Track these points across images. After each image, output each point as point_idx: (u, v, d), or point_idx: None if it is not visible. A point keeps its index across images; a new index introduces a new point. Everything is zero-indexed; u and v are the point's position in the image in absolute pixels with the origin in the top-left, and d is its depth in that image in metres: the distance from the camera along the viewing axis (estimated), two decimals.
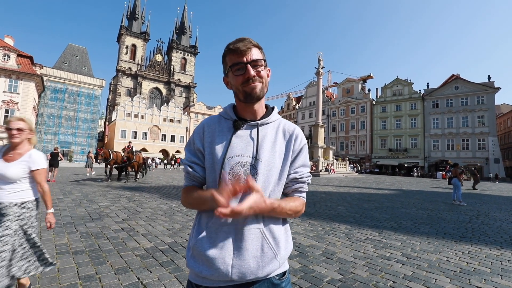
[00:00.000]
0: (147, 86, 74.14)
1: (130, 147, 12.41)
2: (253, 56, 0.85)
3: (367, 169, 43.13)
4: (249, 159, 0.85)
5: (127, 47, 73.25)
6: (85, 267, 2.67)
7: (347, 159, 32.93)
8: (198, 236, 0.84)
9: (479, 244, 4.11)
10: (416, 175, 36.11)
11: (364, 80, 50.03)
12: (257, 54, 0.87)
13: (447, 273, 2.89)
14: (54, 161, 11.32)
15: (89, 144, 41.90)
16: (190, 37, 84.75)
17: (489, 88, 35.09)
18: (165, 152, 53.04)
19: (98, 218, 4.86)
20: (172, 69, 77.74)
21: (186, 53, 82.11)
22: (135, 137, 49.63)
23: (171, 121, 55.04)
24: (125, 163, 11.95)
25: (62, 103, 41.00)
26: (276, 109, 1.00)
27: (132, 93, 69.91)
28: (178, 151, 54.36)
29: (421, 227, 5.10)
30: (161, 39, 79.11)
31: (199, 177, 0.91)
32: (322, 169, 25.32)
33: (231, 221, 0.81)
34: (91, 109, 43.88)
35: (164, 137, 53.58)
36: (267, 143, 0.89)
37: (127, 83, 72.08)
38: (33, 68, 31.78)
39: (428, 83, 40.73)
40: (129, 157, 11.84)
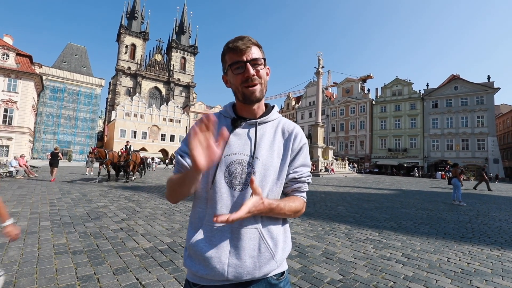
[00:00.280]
0: (147, 85, 74.03)
1: (128, 147, 12.22)
2: (253, 54, 0.84)
3: (367, 169, 43.16)
4: (246, 157, 0.84)
5: (126, 47, 73.11)
6: (83, 267, 2.65)
7: (347, 159, 32.95)
8: (193, 235, 0.84)
9: (479, 244, 4.10)
10: (417, 175, 36.09)
11: (363, 80, 50.02)
12: (256, 52, 0.86)
13: (448, 273, 2.87)
14: (54, 161, 11.48)
15: (88, 143, 41.79)
16: (189, 37, 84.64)
17: (489, 88, 35.12)
18: (164, 151, 52.98)
19: (97, 218, 4.84)
20: (171, 68, 77.63)
21: (185, 53, 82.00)
22: (135, 137, 49.55)
23: (171, 120, 54.98)
24: (121, 163, 11.73)
25: (61, 102, 40.92)
26: (276, 108, 0.99)
27: (131, 93, 69.79)
28: None
29: (421, 227, 5.09)
30: (160, 38, 78.69)
31: (188, 168, 0.85)
32: (321, 169, 25.31)
33: None
34: (90, 108, 43.80)
35: (163, 137, 53.52)
36: (265, 142, 0.88)
37: (126, 82, 71.95)
38: (32, 67, 31.70)
39: (427, 83, 40.75)
40: (126, 158, 11.63)
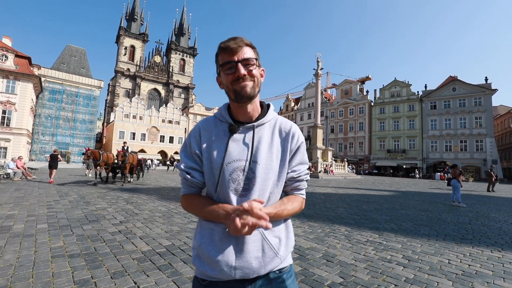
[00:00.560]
0: (146, 87, 73.98)
1: (125, 148, 11.81)
2: (245, 54, 0.83)
3: (366, 170, 43.20)
4: (246, 163, 0.85)
5: (125, 48, 73.11)
6: (80, 271, 2.61)
7: (346, 160, 32.97)
8: (201, 238, 0.86)
9: (480, 246, 4.08)
10: (418, 176, 36.10)
11: (362, 81, 50.21)
12: (249, 52, 0.85)
13: (449, 276, 2.85)
14: (53, 163, 11.60)
15: (87, 145, 41.64)
16: (189, 39, 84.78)
17: (486, 89, 35.31)
18: (163, 153, 52.88)
19: (95, 220, 4.79)
20: (171, 70, 77.66)
21: (185, 54, 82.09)
22: (134, 138, 49.46)
23: (170, 122, 54.94)
24: (117, 165, 11.37)
25: (60, 104, 40.86)
26: (272, 107, 0.97)
27: (130, 94, 69.70)
28: (176, 152, 54.19)
29: (421, 229, 5.07)
30: (160, 40, 78.65)
31: (198, 182, 0.90)
32: (321, 170, 25.30)
33: None
34: (89, 110, 43.75)
35: (162, 138, 53.45)
36: (264, 145, 0.88)
37: (125, 84, 71.88)
38: (31, 68, 31.61)
39: (426, 85, 40.94)
40: (123, 159, 11.25)
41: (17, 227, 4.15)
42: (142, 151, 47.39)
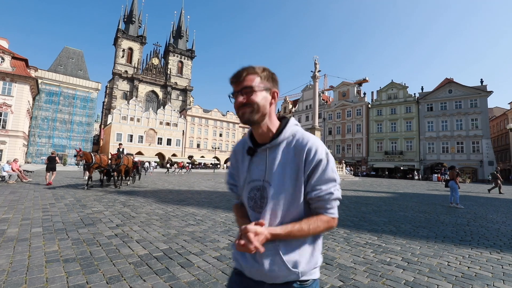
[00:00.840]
0: (144, 89, 73.84)
1: (120, 150, 11.54)
2: (245, 83, 0.89)
3: (364, 172, 43.30)
4: (261, 183, 0.92)
5: (123, 50, 73.02)
6: (75, 276, 2.56)
7: (344, 162, 33.04)
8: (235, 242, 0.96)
9: (478, 247, 4.08)
10: (417, 178, 36.18)
11: (359, 83, 50.59)
12: (250, 80, 0.89)
13: (449, 278, 2.83)
14: (51, 165, 11.62)
15: (84, 147, 41.35)
16: (187, 41, 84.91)
17: (482, 91, 35.67)
18: (161, 155, 52.67)
19: (91, 223, 4.72)
20: (168, 72, 77.63)
21: (183, 57, 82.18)
22: (131, 140, 49.23)
23: (168, 124, 54.78)
24: (111, 168, 10.91)
25: (57, 106, 40.58)
26: (290, 122, 0.96)
27: (128, 96, 69.51)
28: (174, 155, 54.03)
29: (420, 231, 5.06)
30: (158, 42, 79.16)
31: (240, 195, 1.06)
32: None
33: None
34: (86, 112, 43.49)
35: (160, 141, 53.25)
36: (277, 166, 0.91)
37: (123, 86, 71.68)
38: (28, 70, 31.40)
39: (422, 87, 41.19)
40: (117, 162, 10.82)
41: (11, 231, 4.07)
42: (139, 153, 47.14)
